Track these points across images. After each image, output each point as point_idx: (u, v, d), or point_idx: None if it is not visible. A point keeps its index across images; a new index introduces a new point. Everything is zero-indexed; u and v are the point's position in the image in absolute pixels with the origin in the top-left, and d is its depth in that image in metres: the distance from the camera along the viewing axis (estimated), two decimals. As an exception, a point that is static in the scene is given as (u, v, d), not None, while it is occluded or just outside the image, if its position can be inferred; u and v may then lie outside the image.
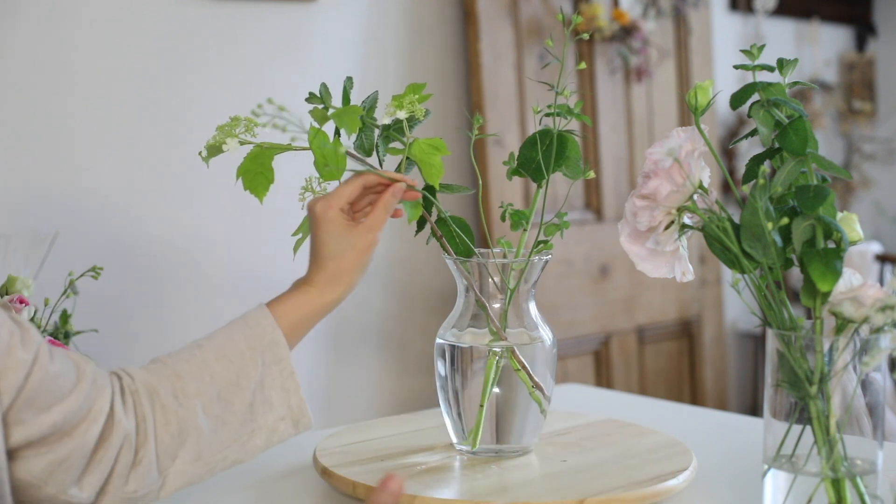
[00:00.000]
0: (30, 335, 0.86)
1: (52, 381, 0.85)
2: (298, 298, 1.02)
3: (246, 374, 0.97)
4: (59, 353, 0.89)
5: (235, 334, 0.99)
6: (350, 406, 2.35)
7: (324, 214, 1.01)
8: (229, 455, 0.97)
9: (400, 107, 1.07)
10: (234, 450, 0.97)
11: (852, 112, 3.97)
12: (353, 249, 1.01)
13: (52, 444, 0.86)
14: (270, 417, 0.98)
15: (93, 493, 0.90)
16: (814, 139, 0.89)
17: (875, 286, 0.83)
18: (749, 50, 0.96)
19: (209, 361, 0.97)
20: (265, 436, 0.98)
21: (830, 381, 0.84)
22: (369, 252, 1.02)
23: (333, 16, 2.32)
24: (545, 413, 1.16)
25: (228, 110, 1.25)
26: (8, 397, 0.82)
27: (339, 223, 1.01)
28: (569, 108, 1.13)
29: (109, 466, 0.90)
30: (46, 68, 1.91)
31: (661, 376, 2.97)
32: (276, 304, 1.02)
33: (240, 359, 0.97)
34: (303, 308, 1.02)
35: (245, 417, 0.97)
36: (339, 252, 1.01)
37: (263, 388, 0.98)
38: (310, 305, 1.02)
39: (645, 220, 0.91)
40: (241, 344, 0.98)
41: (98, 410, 0.89)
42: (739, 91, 0.94)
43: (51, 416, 0.85)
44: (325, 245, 1.02)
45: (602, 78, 2.78)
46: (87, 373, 0.89)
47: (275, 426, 0.99)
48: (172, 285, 2.10)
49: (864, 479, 0.85)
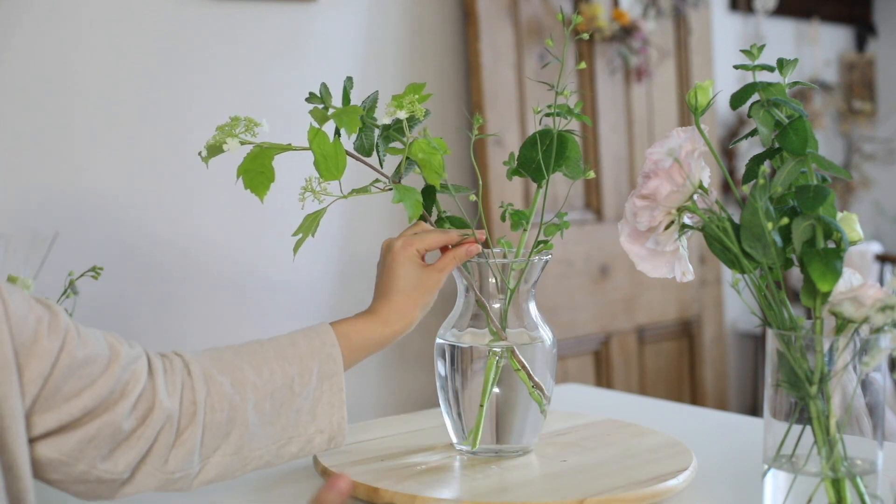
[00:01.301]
0: (58, 320, 0.85)
1: (81, 367, 0.85)
2: (362, 324, 1.06)
3: (301, 381, 0.99)
4: (91, 335, 0.88)
5: (298, 340, 1.01)
6: (350, 406, 2.34)
7: (403, 251, 1.07)
8: (265, 455, 0.98)
9: (400, 107, 1.07)
10: (271, 451, 0.98)
11: (852, 112, 3.97)
12: (420, 287, 1.07)
13: (83, 425, 0.86)
14: (311, 428, 1.00)
15: (128, 469, 0.90)
16: (814, 139, 0.89)
17: (875, 286, 0.83)
18: (749, 50, 0.95)
19: (269, 360, 0.98)
20: (301, 444, 1.00)
21: (830, 381, 0.84)
22: (433, 292, 1.08)
23: (333, 16, 2.32)
24: (545, 413, 1.16)
25: (228, 110, 1.25)
26: (35, 386, 0.83)
27: (415, 262, 1.07)
28: (569, 108, 1.13)
29: (148, 445, 0.90)
30: (46, 68, 1.91)
31: (661, 376, 2.97)
32: (339, 324, 1.05)
33: (298, 364, 0.99)
34: (364, 333, 1.05)
35: (289, 422, 0.99)
36: (408, 288, 1.06)
37: (313, 398, 1.00)
38: (371, 333, 1.05)
39: (645, 221, 0.91)
40: (302, 350, 1.01)
41: (131, 390, 0.89)
42: (739, 91, 0.94)
43: (81, 401, 0.85)
44: (398, 279, 1.07)
45: (602, 78, 2.78)
46: (121, 354, 0.89)
47: (312, 437, 1.00)
48: (172, 285, 2.10)
49: (864, 479, 0.85)
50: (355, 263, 2.38)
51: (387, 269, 1.08)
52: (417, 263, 1.07)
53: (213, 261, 2.15)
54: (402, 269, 1.06)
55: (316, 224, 1.07)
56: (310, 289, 2.29)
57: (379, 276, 1.09)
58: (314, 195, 1.07)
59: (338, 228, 2.34)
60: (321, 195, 1.06)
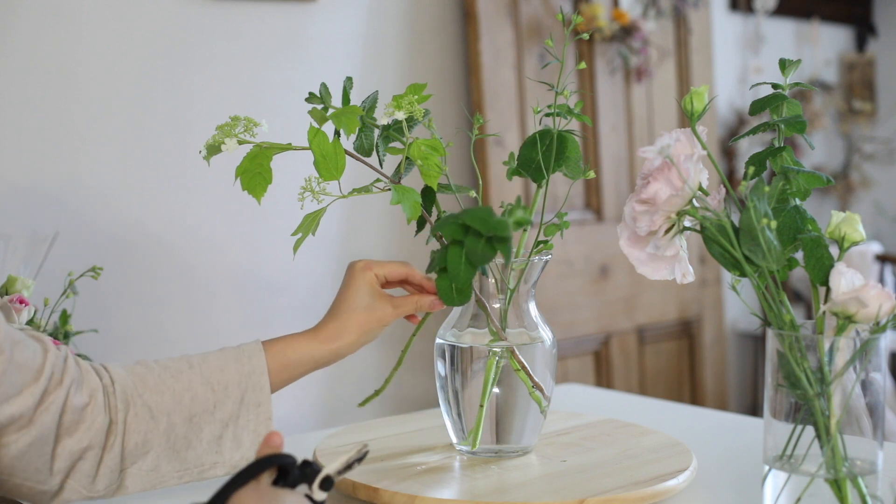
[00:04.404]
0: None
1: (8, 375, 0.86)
2: (296, 341, 1.05)
3: (223, 408, 0.99)
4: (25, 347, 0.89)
5: (228, 364, 1.01)
6: (350, 406, 2.34)
7: (362, 271, 1.06)
8: (185, 476, 0.99)
9: (399, 107, 1.07)
10: (193, 473, 1.00)
11: (852, 112, 3.97)
12: (367, 311, 1.06)
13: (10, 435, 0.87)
14: (236, 455, 1.01)
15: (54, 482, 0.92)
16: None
17: (877, 286, 0.83)
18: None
19: (193, 384, 0.99)
20: (227, 469, 1.01)
21: (832, 381, 0.84)
22: (381, 322, 1.06)
23: (333, 16, 2.32)
24: (545, 413, 1.16)
25: (228, 110, 1.25)
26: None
27: (371, 284, 1.06)
28: (569, 108, 1.13)
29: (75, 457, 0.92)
30: (46, 68, 1.91)
31: (661, 376, 2.97)
32: (276, 342, 1.05)
33: (223, 392, 1.00)
34: (299, 351, 1.04)
35: (211, 448, 0.99)
36: (355, 308, 1.05)
37: (237, 425, 1.00)
38: (304, 350, 1.04)
39: (644, 225, 0.91)
40: (228, 376, 1.00)
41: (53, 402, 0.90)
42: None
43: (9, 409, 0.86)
44: (349, 298, 1.06)
45: (602, 78, 2.78)
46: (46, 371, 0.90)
47: (237, 465, 1.01)
48: (172, 285, 2.10)
49: (865, 479, 0.85)
50: (355, 263, 2.37)
51: (343, 287, 1.08)
52: (373, 288, 1.07)
53: (213, 260, 2.15)
54: (356, 289, 1.06)
55: (315, 224, 1.07)
56: (309, 289, 2.29)
57: (337, 294, 1.09)
58: (313, 195, 1.07)
59: (337, 228, 2.34)
60: (320, 195, 1.06)
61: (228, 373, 1.00)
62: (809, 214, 0.90)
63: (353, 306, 1.06)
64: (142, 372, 0.98)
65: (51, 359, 0.91)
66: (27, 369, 0.88)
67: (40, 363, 0.89)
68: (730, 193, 0.92)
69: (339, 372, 2.35)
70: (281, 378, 1.04)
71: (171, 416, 0.97)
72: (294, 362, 1.04)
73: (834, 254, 0.88)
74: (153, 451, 0.97)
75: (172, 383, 0.98)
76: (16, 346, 0.87)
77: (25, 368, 0.88)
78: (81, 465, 0.93)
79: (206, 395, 0.99)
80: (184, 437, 0.98)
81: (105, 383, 0.96)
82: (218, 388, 0.99)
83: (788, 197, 0.92)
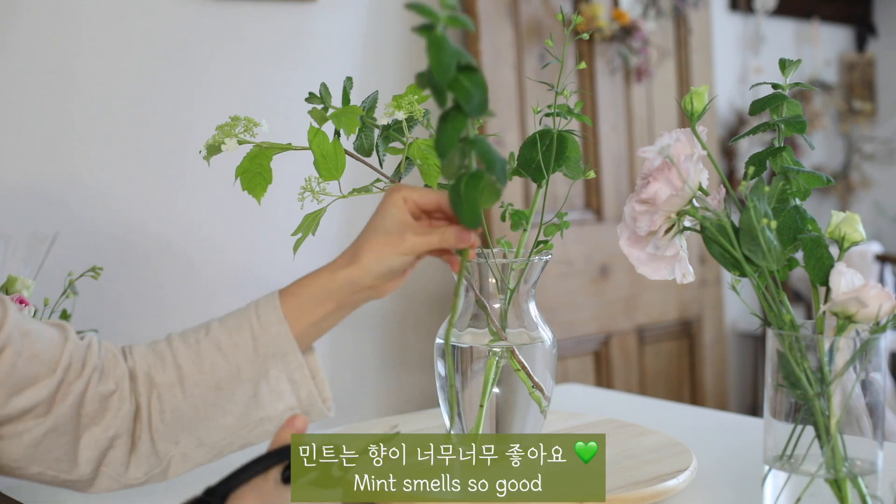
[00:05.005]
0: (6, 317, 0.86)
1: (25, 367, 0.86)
2: (310, 276, 0.96)
3: (247, 368, 0.95)
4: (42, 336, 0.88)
5: (243, 322, 0.96)
6: (350, 406, 2.35)
7: (391, 193, 0.94)
8: (236, 441, 0.97)
9: (399, 107, 1.07)
10: (242, 435, 0.97)
11: (852, 112, 3.97)
12: (385, 235, 0.92)
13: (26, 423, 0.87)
14: (279, 406, 0.96)
15: (83, 471, 0.91)
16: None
17: (877, 286, 0.83)
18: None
19: (212, 350, 0.95)
20: (277, 423, 0.97)
21: (832, 382, 0.84)
22: (396, 250, 0.92)
23: (333, 16, 2.32)
24: (545, 413, 1.16)
25: (228, 110, 1.25)
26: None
27: (397, 207, 0.93)
28: (569, 108, 1.13)
29: (104, 446, 0.91)
30: (46, 68, 1.91)
31: (661, 376, 2.97)
32: (287, 289, 0.97)
33: (242, 351, 0.95)
34: (310, 285, 0.95)
35: (249, 407, 0.96)
36: (374, 231, 0.93)
37: (269, 379, 0.95)
38: (317, 282, 0.95)
39: (644, 225, 0.91)
40: (246, 334, 0.95)
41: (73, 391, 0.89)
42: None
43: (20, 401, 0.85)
44: (370, 221, 0.95)
45: (602, 78, 2.78)
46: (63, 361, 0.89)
47: (283, 415, 0.97)
48: (173, 285, 2.10)
49: (865, 479, 0.85)
50: (355, 263, 2.37)
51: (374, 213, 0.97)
52: (399, 212, 0.93)
53: (213, 260, 2.15)
54: (380, 212, 0.94)
55: (315, 224, 1.07)
56: (310, 289, 2.29)
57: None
58: (313, 195, 1.07)
59: (337, 228, 2.34)
60: (320, 195, 1.06)
61: (244, 330, 0.95)
62: (809, 214, 0.91)
63: (372, 229, 0.93)
64: (162, 349, 0.96)
65: (69, 348, 0.90)
66: (41, 360, 0.87)
67: (57, 353, 0.88)
68: (730, 193, 0.92)
69: (339, 372, 2.35)
70: (302, 323, 0.95)
71: (198, 387, 0.94)
72: (309, 301, 0.95)
73: (834, 254, 0.88)
74: (188, 429, 0.94)
75: (190, 353, 0.95)
76: (26, 338, 0.86)
77: (39, 359, 0.87)
78: (112, 454, 0.92)
79: (226, 359, 0.95)
80: (214, 405, 0.94)
81: (129, 367, 0.94)
82: (237, 348, 0.95)
83: (788, 197, 0.92)
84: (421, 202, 0.93)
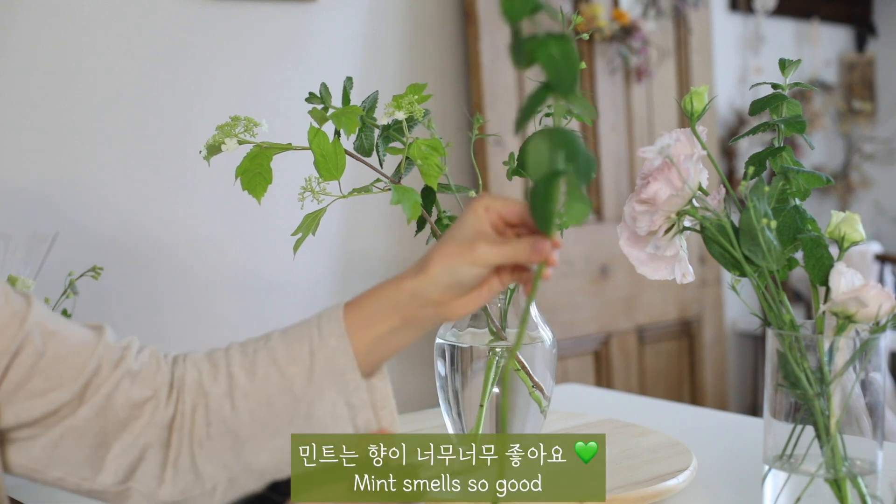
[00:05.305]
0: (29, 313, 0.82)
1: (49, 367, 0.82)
2: (374, 288, 0.87)
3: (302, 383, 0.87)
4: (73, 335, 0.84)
5: (304, 334, 0.88)
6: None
7: (473, 201, 0.85)
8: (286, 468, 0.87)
9: (399, 107, 1.07)
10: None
11: (852, 112, 3.97)
12: (458, 243, 0.84)
13: (46, 428, 0.83)
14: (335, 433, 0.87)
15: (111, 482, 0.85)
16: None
17: (877, 286, 0.83)
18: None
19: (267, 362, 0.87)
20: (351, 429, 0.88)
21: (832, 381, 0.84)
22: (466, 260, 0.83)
23: (333, 16, 2.32)
24: (545, 413, 1.16)
25: (228, 110, 1.25)
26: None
27: (477, 215, 0.84)
28: (569, 108, 1.12)
29: (134, 456, 0.85)
30: (46, 68, 1.91)
31: (661, 376, 2.97)
32: (352, 300, 0.89)
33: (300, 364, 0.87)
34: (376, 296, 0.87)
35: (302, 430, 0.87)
36: (448, 238, 0.85)
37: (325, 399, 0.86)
38: (382, 293, 0.86)
39: (644, 225, 0.91)
40: (304, 347, 0.87)
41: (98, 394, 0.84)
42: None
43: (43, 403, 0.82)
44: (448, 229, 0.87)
45: (602, 78, 2.78)
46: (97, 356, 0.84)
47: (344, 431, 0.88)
48: (173, 285, 2.10)
49: (864, 479, 0.85)
50: (355, 263, 2.38)
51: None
52: (478, 220, 0.84)
53: (214, 261, 2.15)
54: (460, 220, 0.85)
55: (315, 224, 1.07)
56: (309, 289, 2.29)
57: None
58: (314, 195, 1.07)
59: (337, 228, 2.34)
60: (320, 195, 1.06)
61: (303, 343, 0.87)
62: (809, 214, 0.91)
63: (446, 237, 0.85)
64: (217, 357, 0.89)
65: (100, 351, 0.84)
66: (66, 362, 0.83)
67: (85, 355, 0.83)
68: (730, 193, 0.92)
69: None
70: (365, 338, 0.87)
71: (247, 402, 0.86)
72: (372, 313, 0.86)
73: (834, 254, 0.88)
74: (235, 448, 0.86)
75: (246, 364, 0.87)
76: (51, 338, 0.82)
77: (64, 361, 0.82)
78: (144, 467, 0.85)
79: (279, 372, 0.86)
80: (265, 423, 0.86)
81: (177, 375, 0.87)
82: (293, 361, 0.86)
83: (788, 197, 0.92)
84: (504, 212, 0.84)
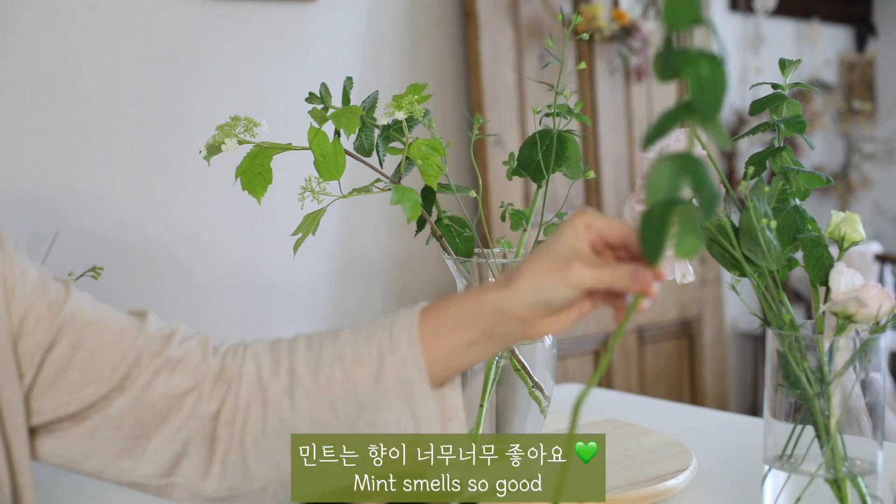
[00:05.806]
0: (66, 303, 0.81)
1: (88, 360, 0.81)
2: (454, 296, 0.83)
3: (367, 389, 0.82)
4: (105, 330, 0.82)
5: (374, 336, 0.83)
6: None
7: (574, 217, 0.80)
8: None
9: (399, 107, 1.07)
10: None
11: (852, 112, 3.97)
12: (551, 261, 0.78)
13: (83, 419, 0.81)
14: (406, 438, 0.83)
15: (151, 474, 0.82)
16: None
17: (876, 286, 0.83)
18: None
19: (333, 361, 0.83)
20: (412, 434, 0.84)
21: (832, 381, 0.84)
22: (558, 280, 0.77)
23: (333, 16, 2.32)
24: (545, 413, 1.16)
25: (228, 110, 1.25)
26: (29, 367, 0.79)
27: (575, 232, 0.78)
28: (569, 109, 1.13)
29: (175, 450, 0.82)
30: (46, 68, 1.91)
31: (661, 376, 2.97)
32: (429, 306, 0.84)
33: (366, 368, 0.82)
34: (452, 306, 0.81)
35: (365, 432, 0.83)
36: (541, 254, 0.79)
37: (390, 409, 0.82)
38: (462, 303, 0.81)
39: (645, 223, 0.91)
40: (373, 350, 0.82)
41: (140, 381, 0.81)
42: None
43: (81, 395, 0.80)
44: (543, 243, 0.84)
45: (602, 78, 2.78)
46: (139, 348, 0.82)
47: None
48: (173, 285, 2.10)
49: (864, 479, 0.85)
50: (355, 263, 2.38)
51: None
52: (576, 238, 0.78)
53: (213, 260, 2.15)
54: (556, 235, 0.79)
55: (316, 224, 1.07)
56: (310, 289, 2.29)
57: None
58: (314, 195, 1.07)
59: (337, 228, 2.34)
60: (320, 195, 1.06)
61: (372, 346, 0.82)
62: (809, 214, 0.91)
63: (540, 252, 0.79)
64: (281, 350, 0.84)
65: (140, 341, 0.82)
66: (102, 355, 0.80)
67: (125, 346, 0.81)
68: (730, 193, 0.92)
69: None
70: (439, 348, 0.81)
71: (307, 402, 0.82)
72: (450, 323, 0.81)
73: (834, 254, 0.88)
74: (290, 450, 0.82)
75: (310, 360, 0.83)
76: (89, 329, 0.80)
77: (100, 354, 0.80)
78: (188, 461, 0.82)
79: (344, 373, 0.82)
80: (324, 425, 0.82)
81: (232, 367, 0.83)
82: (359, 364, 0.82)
83: (788, 197, 0.92)
84: (605, 231, 0.78)
